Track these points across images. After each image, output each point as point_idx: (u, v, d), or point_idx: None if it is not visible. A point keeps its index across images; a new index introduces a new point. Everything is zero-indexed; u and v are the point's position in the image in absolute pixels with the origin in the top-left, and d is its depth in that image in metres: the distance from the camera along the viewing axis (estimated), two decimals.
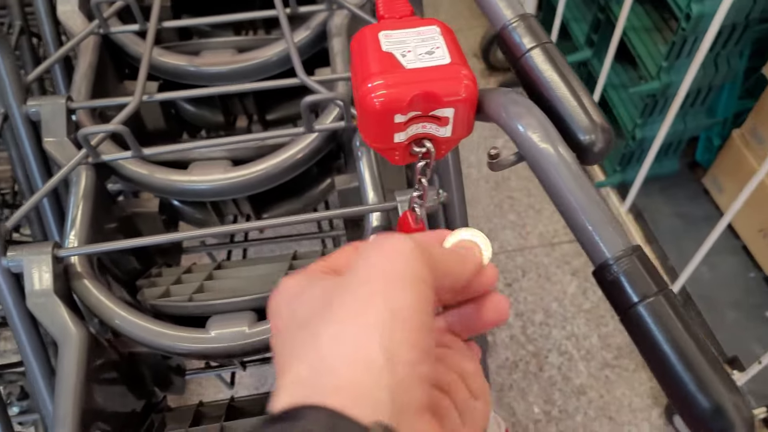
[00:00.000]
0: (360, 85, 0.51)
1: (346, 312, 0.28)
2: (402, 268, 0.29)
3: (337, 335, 0.27)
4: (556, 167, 0.47)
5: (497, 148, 0.49)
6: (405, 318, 0.28)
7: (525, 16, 0.54)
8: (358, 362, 0.26)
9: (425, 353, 0.28)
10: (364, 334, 0.27)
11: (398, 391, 0.26)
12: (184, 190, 0.93)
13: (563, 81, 0.50)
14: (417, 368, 0.27)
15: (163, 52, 1.05)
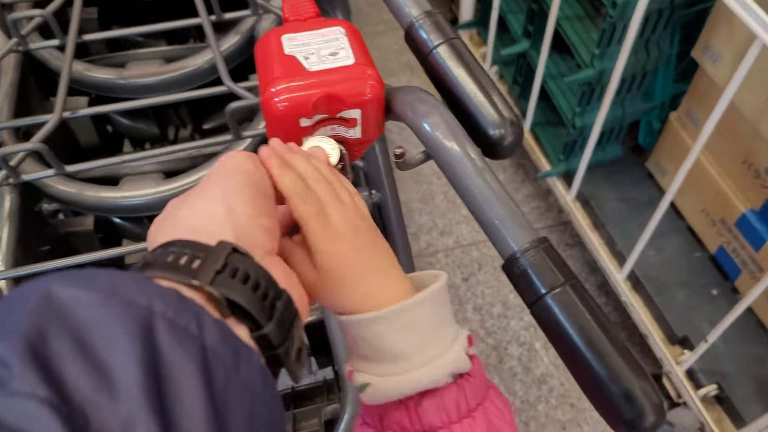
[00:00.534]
0: (263, 90, 0.50)
1: (193, 195, 0.37)
2: (235, 164, 0.38)
3: (188, 208, 0.36)
4: (462, 164, 0.46)
5: (402, 148, 0.49)
6: (238, 189, 0.36)
7: (431, 12, 0.53)
8: (204, 216, 0.34)
9: (262, 210, 0.36)
10: (207, 202, 0.35)
11: (241, 234, 0.34)
12: (116, 207, 0.91)
13: (471, 77, 0.50)
14: (255, 219, 0.35)
15: (89, 66, 1.02)
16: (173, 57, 1.05)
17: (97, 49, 1.19)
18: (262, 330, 0.30)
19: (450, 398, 0.39)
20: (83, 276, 0.26)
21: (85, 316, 0.24)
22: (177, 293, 0.27)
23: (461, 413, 0.39)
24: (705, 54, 1.20)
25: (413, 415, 0.39)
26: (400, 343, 0.39)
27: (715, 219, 1.35)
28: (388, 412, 0.40)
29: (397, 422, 0.40)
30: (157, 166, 0.96)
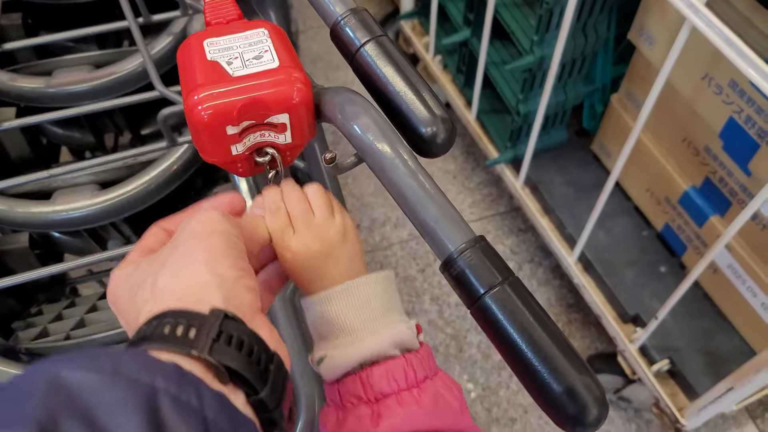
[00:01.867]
0: (186, 98, 0.48)
1: (174, 260, 0.36)
2: (212, 226, 0.38)
3: (173, 275, 0.35)
4: (394, 166, 0.45)
5: (333, 152, 0.47)
6: (221, 252, 0.37)
7: (356, 10, 0.52)
8: (192, 283, 0.35)
9: (244, 270, 0.37)
10: (192, 268, 0.35)
11: (229, 297, 0.34)
12: (49, 222, 0.87)
13: (400, 75, 0.49)
14: (240, 281, 0.36)
15: (14, 76, 0.98)
16: (103, 62, 1.01)
17: (26, 58, 1.14)
18: (258, 395, 0.32)
19: (398, 368, 0.44)
20: (87, 357, 0.27)
21: (93, 399, 0.25)
22: (177, 367, 0.28)
23: (409, 382, 0.44)
24: (640, 37, 1.21)
25: (366, 385, 0.44)
26: (352, 319, 0.46)
27: (660, 198, 1.38)
28: (345, 387, 0.45)
29: (353, 394, 0.45)
30: (92, 177, 0.93)
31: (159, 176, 0.87)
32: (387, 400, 0.44)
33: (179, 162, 0.89)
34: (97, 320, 0.85)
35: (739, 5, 0.98)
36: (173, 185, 0.90)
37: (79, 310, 0.90)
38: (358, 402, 0.45)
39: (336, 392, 0.47)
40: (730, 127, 1.09)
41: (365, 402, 0.44)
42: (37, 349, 0.79)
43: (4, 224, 0.88)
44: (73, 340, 0.78)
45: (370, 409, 0.44)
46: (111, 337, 0.77)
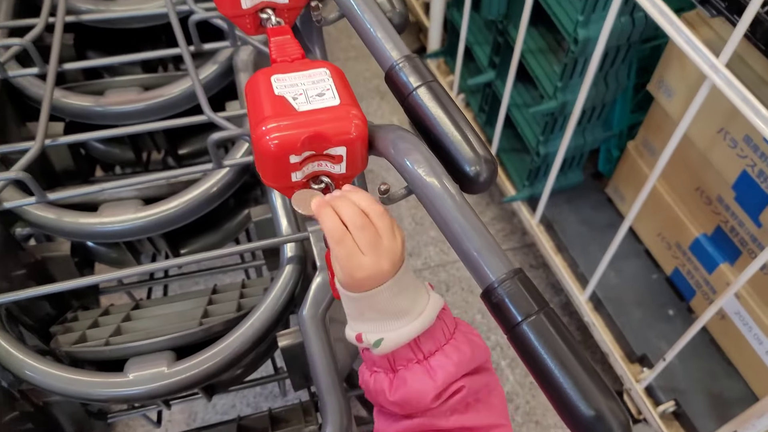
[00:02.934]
0: (254, 128, 0.53)
1: None
2: None
3: None
4: (442, 199, 0.49)
5: (387, 184, 0.51)
6: None
7: (410, 57, 0.56)
8: None
9: None
10: None
11: None
12: (94, 233, 0.92)
13: (448, 117, 0.53)
14: None
15: (67, 93, 1.03)
16: (151, 85, 1.06)
17: (73, 75, 1.19)
18: None
19: (437, 329, 0.52)
20: None
21: None
22: None
23: (446, 336, 0.52)
24: (660, 88, 1.26)
25: (416, 349, 0.52)
26: (401, 304, 0.51)
27: (671, 243, 1.42)
28: (396, 354, 0.52)
29: (405, 358, 0.52)
30: (136, 192, 0.97)
31: (201, 196, 0.92)
32: (435, 356, 0.51)
33: (220, 183, 0.93)
34: (133, 329, 0.89)
35: (755, 65, 1.03)
36: (213, 205, 0.94)
37: (113, 318, 0.94)
38: (409, 363, 0.52)
39: (386, 360, 0.53)
40: (743, 180, 1.13)
41: (417, 362, 0.52)
42: (77, 353, 0.83)
43: (52, 232, 0.92)
44: (113, 346, 0.82)
45: (422, 366, 0.51)
46: (148, 345, 0.81)
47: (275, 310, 0.82)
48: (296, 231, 0.89)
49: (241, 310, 0.90)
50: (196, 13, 0.97)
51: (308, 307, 0.79)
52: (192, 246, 1.15)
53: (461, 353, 0.52)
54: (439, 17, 1.83)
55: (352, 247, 0.49)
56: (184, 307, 0.95)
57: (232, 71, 1.06)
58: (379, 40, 0.58)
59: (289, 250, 0.87)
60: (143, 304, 1.00)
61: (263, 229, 1.02)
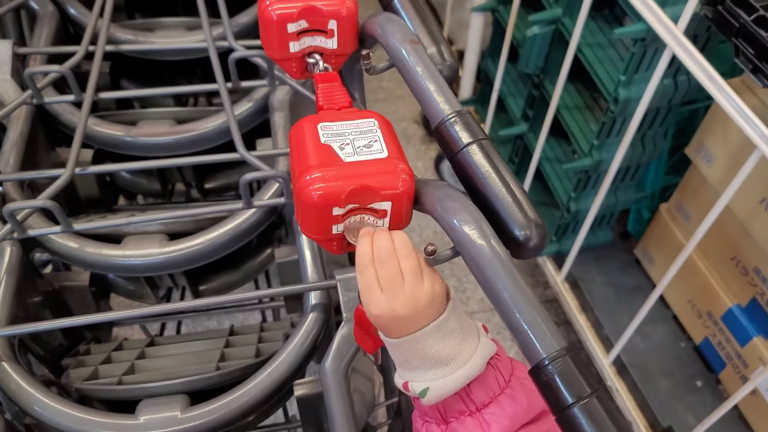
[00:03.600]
0: (298, 177, 0.51)
1: None
2: None
3: None
4: (491, 264, 0.47)
5: (434, 245, 0.49)
6: None
7: (461, 112, 0.55)
8: None
9: None
10: None
11: None
12: (117, 266, 0.90)
13: (499, 177, 0.51)
14: None
15: (99, 122, 1.03)
16: (184, 118, 1.06)
17: (105, 104, 1.20)
18: None
19: (490, 377, 0.50)
20: None
21: None
22: None
23: (501, 386, 0.50)
24: (699, 153, 1.24)
25: (467, 400, 0.49)
26: (445, 351, 0.49)
27: (702, 311, 1.37)
28: (446, 404, 0.50)
29: (456, 409, 0.50)
30: (160, 227, 0.96)
31: (227, 234, 0.90)
32: (488, 407, 0.49)
33: (248, 223, 0.92)
34: (147, 368, 0.86)
35: None
36: (238, 244, 0.93)
37: (127, 354, 0.92)
38: (461, 415, 0.50)
39: (436, 411, 0.51)
40: None
41: (469, 414, 0.49)
42: (88, 390, 0.81)
43: (73, 263, 0.91)
44: (126, 386, 0.79)
45: (475, 419, 0.49)
46: (163, 387, 0.78)
47: (296, 360, 0.80)
48: (322, 277, 0.87)
49: (259, 355, 0.88)
50: (236, 51, 0.96)
51: (331, 359, 0.76)
52: (211, 283, 1.13)
53: (517, 404, 0.49)
54: (473, 66, 1.83)
55: (371, 280, 0.49)
56: (200, 348, 0.93)
57: (267, 110, 1.05)
58: (430, 93, 0.56)
59: (314, 298, 0.85)
60: (158, 341, 0.98)
61: (286, 271, 1.00)
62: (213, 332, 1.01)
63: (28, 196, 0.94)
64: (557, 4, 1.33)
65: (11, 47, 0.99)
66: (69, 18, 1.14)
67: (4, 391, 0.76)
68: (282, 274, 1.01)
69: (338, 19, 0.63)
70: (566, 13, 1.30)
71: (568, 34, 1.29)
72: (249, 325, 1.01)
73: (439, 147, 0.57)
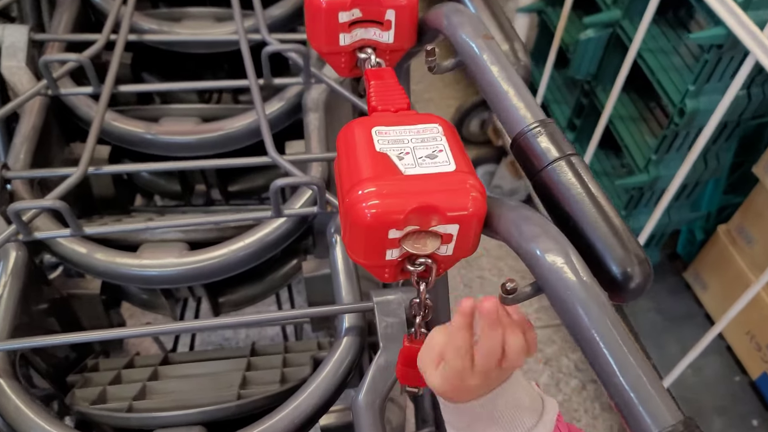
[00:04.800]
0: (348, 191, 0.43)
1: None
2: None
3: None
4: (586, 308, 0.39)
5: (514, 281, 0.41)
6: None
7: (546, 122, 0.47)
8: None
9: None
10: None
11: None
12: (131, 276, 0.83)
13: (592, 201, 0.43)
14: None
15: (118, 117, 0.96)
16: (210, 116, 0.99)
17: (125, 97, 1.13)
18: None
19: None
20: None
21: None
22: None
23: None
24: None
25: None
26: (520, 411, 0.46)
27: (761, 344, 1.27)
28: None
29: None
30: (180, 234, 0.89)
31: (253, 245, 0.83)
32: None
33: (276, 233, 0.84)
34: (161, 390, 0.79)
35: None
36: (265, 256, 0.85)
37: (139, 373, 0.84)
38: None
39: None
40: None
41: None
42: (97, 416, 0.73)
43: (83, 270, 0.84)
44: (137, 414, 0.71)
45: None
46: (178, 417, 0.71)
47: (327, 391, 0.72)
48: (358, 297, 0.79)
49: (284, 381, 0.80)
50: (269, 45, 0.89)
51: (365, 392, 0.68)
52: (231, 295, 1.06)
53: None
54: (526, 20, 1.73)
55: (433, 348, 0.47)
56: (218, 368, 0.86)
57: (299, 110, 0.98)
58: (508, 97, 0.48)
59: (348, 320, 0.77)
60: (173, 358, 0.90)
61: (314, 287, 0.92)
62: (232, 350, 0.93)
63: (39, 195, 0.88)
64: (615, 5, 1.24)
65: (27, 33, 0.93)
66: (91, 4, 1.07)
67: (2, 414, 0.68)
68: (309, 290, 0.94)
69: (397, 9, 0.55)
70: (626, 16, 1.21)
71: (627, 38, 1.20)
72: (272, 345, 0.93)
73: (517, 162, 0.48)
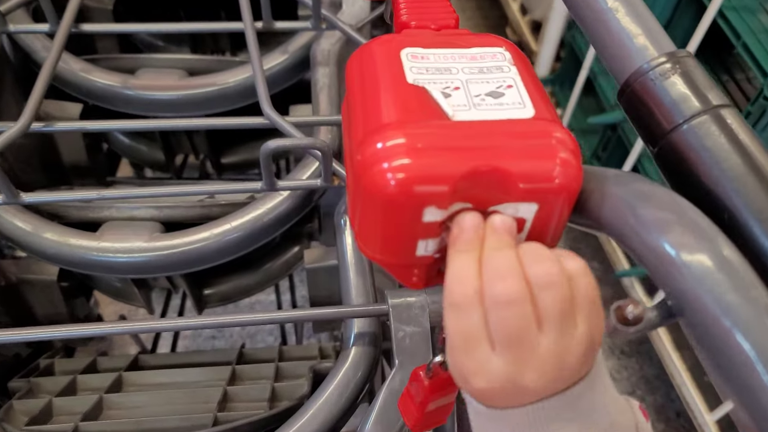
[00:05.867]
0: (361, 145, 0.27)
1: None
2: None
3: None
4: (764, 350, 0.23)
5: (639, 304, 0.25)
6: None
7: (678, 56, 0.30)
8: None
9: None
10: None
11: None
12: (88, 262, 0.68)
13: (758, 179, 0.27)
14: None
15: (88, 67, 0.81)
16: (198, 69, 0.83)
17: (108, 50, 0.98)
18: None
19: None
20: None
21: None
22: None
23: None
24: None
25: None
26: None
27: None
28: None
29: None
30: (153, 211, 0.73)
31: (242, 228, 0.67)
32: None
33: (272, 214, 0.68)
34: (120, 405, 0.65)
35: None
36: (257, 243, 0.69)
37: (99, 380, 0.70)
38: None
39: None
40: None
41: None
42: None
43: (27, 250, 0.69)
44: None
45: None
46: None
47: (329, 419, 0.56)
48: (371, 298, 0.64)
49: (275, 400, 0.65)
50: None
51: (372, 423, 0.54)
52: (219, 287, 0.91)
53: None
54: (555, 40, 1.58)
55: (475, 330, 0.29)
56: (197, 378, 0.71)
57: (308, 64, 0.82)
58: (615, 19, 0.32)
59: (358, 325, 0.61)
60: (144, 361, 0.76)
61: (318, 280, 0.77)
62: (217, 354, 0.79)
63: None
64: None
65: None
66: None
67: None
68: (312, 282, 0.79)
69: None
70: None
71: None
72: (264, 349, 0.79)
73: None
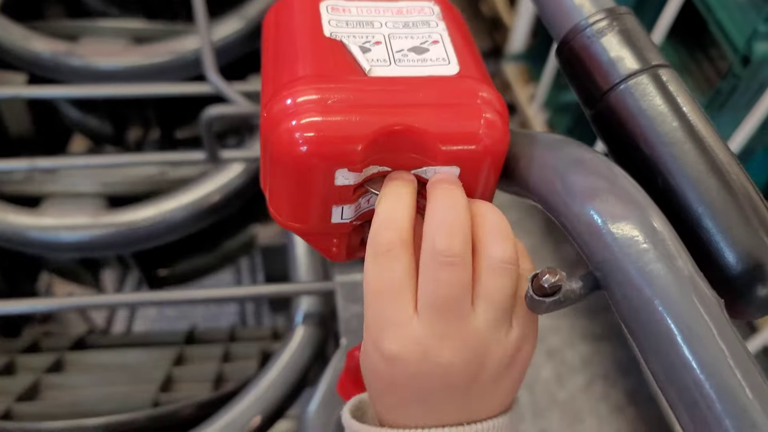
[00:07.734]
0: (271, 100, 0.26)
1: None
2: None
3: None
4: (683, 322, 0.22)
5: (557, 272, 0.24)
6: None
7: (616, 12, 0.29)
8: None
9: None
10: None
11: None
12: (27, 240, 0.66)
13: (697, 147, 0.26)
14: None
15: (28, 34, 0.78)
16: (146, 37, 0.80)
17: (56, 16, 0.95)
18: None
19: None
20: None
21: None
22: None
23: None
24: None
25: None
26: None
27: None
28: None
29: None
30: (98, 186, 0.71)
31: (192, 206, 0.66)
32: None
33: (225, 190, 0.67)
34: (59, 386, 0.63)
35: None
36: (207, 220, 0.68)
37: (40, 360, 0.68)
38: None
39: None
40: None
41: None
42: None
43: None
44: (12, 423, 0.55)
45: None
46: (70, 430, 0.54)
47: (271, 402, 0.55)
48: (320, 275, 0.63)
49: (220, 382, 0.64)
50: None
51: (318, 404, 0.54)
52: (174, 267, 0.89)
53: None
54: (529, 14, 1.55)
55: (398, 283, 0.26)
56: (141, 359, 0.70)
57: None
58: None
59: (306, 304, 0.61)
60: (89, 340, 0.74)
61: (274, 258, 0.76)
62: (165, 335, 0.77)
63: None
64: None
65: None
66: None
67: None
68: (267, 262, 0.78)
69: None
70: None
71: None
72: (215, 330, 0.77)
73: None
